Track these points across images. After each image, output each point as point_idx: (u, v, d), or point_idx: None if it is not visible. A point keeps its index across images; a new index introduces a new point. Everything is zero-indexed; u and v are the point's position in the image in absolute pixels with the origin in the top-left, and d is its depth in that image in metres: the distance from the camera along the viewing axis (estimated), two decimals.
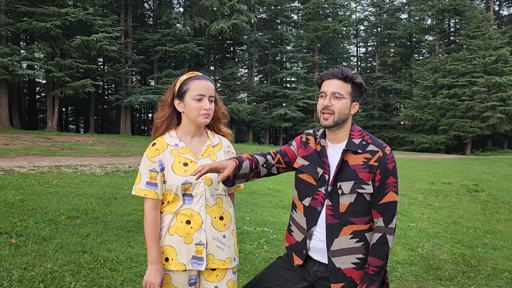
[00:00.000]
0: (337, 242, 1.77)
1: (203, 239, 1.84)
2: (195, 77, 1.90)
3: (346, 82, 1.80)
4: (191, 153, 1.89)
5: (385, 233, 1.77)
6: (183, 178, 1.83)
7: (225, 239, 1.91)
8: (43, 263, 3.68)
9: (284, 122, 35.09)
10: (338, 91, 1.78)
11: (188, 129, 1.92)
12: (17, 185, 7.27)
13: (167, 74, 27.65)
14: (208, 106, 1.85)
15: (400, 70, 44.73)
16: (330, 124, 1.79)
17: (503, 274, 4.41)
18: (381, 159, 1.77)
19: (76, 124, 45.35)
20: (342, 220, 1.78)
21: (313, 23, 36.38)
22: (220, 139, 2.02)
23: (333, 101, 1.78)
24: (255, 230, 5.52)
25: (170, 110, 1.93)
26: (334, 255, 1.78)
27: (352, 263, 1.77)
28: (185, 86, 1.87)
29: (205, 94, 1.86)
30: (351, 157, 1.80)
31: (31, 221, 4.97)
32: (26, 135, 17.92)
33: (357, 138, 1.83)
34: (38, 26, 20.28)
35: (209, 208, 1.86)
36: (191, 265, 1.84)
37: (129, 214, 5.84)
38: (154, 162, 1.86)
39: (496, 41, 34.24)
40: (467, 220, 7.41)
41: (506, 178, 14.46)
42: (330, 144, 1.89)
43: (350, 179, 1.77)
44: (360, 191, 1.76)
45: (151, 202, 1.86)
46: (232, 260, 1.93)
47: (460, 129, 34.24)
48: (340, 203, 1.77)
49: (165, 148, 1.89)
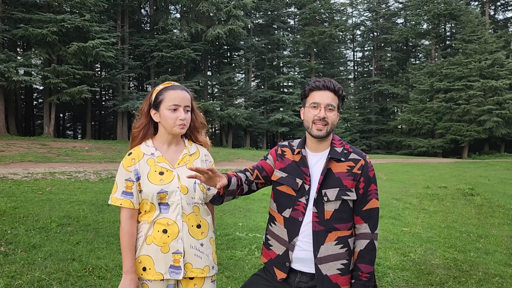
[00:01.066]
0: (323, 249, 1.80)
1: (180, 248, 1.83)
2: (171, 87, 1.89)
3: (335, 95, 1.87)
4: (167, 162, 1.89)
5: (373, 239, 1.83)
6: (159, 187, 1.82)
7: (203, 247, 1.90)
8: (31, 271, 3.66)
9: (281, 126, 35.12)
10: (332, 103, 1.84)
11: (165, 138, 1.92)
12: (9, 192, 7.25)
13: (164, 79, 27.64)
14: (183, 116, 1.84)
15: (396, 74, 44.91)
16: (323, 134, 1.84)
17: (494, 278, 4.40)
18: (363, 167, 1.84)
19: (74, 130, 45.30)
20: (327, 226, 1.81)
21: (309, 28, 36.53)
22: (197, 148, 2.01)
23: (328, 113, 1.83)
24: (247, 236, 5.51)
25: (147, 120, 1.94)
26: (320, 262, 1.79)
27: (338, 269, 1.80)
28: (160, 96, 1.88)
29: (180, 104, 1.85)
30: (335, 165, 1.85)
31: (21, 229, 4.95)
32: (22, 141, 17.88)
33: (338, 147, 1.89)
34: (35, 33, 20.30)
35: (186, 217, 1.86)
36: (169, 274, 1.83)
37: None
38: (129, 172, 1.87)
39: (491, 45, 34.42)
40: (461, 224, 7.41)
41: (502, 181, 14.48)
42: (311, 153, 1.91)
43: (335, 186, 1.81)
44: (345, 198, 1.80)
45: (127, 211, 1.86)
46: (210, 269, 1.92)
47: (457, 132, 34.34)
48: (325, 210, 1.80)
49: (141, 158, 1.89)
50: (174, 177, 1.86)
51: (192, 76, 31.96)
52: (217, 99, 34.32)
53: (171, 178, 1.86)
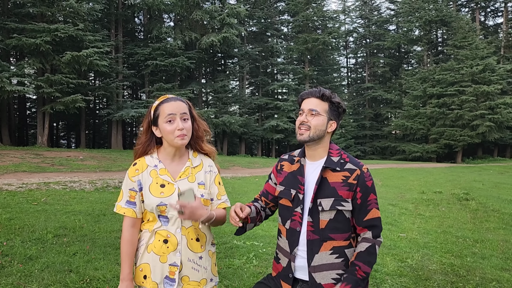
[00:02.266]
0: (318, 258, 1.81)
1: (177, 261, 1.84)
2: (165, 100, 1.90)
3: (323, 101, 1.89)
4: (169, 175, 1.90)
5: (375, 244, 1.82)
6: (159, 199, 1.84)
7: (201, 261, 1.91)
8: (28, 283, 3.63)
9: (276, 133, 35.19)
10: (315, 108, 1.87)
11: (168, 151, 1.93)
12: (4, 204, 7.19)
13: (158, 87, 27.68)
14: (181, 125, 1.84)
15: (389, 80, 45.26)
16: (305, 138, 1.86)
17: (491, 283, 4.42)
18: (359, 177, 1.84)
19: (67, 139, 45.07)
20: (322, 236, 1.82)
21: (303, 35, 36.78)
22: (201, 160, 2.01)
23: (309, 117, 1.87)
24: (245, 244, 5.50)
25: (147, 137, 1.95)
26: (314, 270, 1.81)
27: (332, 279, 1.80)
28: (157, 111, 1.89)
29: (175, 113, 1.85)
30: (330, 175, 1.85)
31: (17, 240, 4.91)
32: (16, 151, 17.77)
33: (335, 156, 1.90)
34: (28, 42, 20.26)
35: (185, 230, 1.87)
36: (163, 285, 1.84)
37: (117, 231, 5.79)
38: (133, 182, 1.90)
39: (482, 51, 34.84)
40: (457, 229, 7.44)
41: (496, 186, 14.58)
42: (309, 162, 1.94)
43: (330, 196, 1.82)
44: (339, 208, 1.81)
45: (129, 220, 1.90)
46: (208, 281, 1.93)
47: (451, 137, 34.60)
48: (320, 219, 1.82)
49: (145, 169, 1.91)
50: (174, 191, 1.87)
51: (186, 84, 32.00)
52: (212, 107, 34.37)
53: (172, 191, 1.86)
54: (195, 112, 2.00)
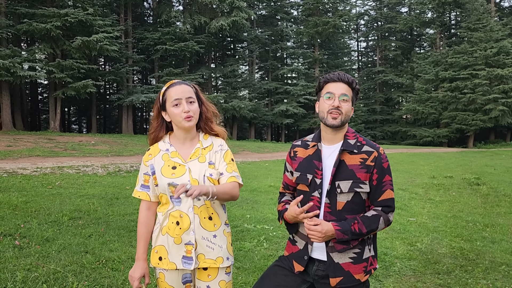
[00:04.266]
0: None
1: (192, 239, 1.90)
2: (171, 85, 1.97)
3: (349, 87, 1.92)
4: (180, 157, 1.96)
5: (380, 215, 1.86)
6: (169, 179, 1.91)
7: (215, 239, 1.95)
8: (46, 264, 3.75)
9: (286, 118, 35.11)
10: (346, 93, 1.90)
11: (179, 135, 2.00)
12: (20, 187, 7.36)
13: (168, 72, 27.70)
14: (186, 108, 1.89)
15: (401, 64, 44.63)
16: (338, 123, 1.87)
17: (501, 267, 4.45)
18: (376, 159, 1.87)
19: (79, 124, 45.55)
20: (338, 217, 1.85)
21: (313, 18, 36.32)
22: (212, 141, 2.05)
23: (342, 103, 1.88)
24: (255, 227, 5.58)
25: (158, 122, 2.03)
26: (332, 250, 1.85)
27: (350, 258, 1.86)
28: (164, 96, 1.96)
29: (181, 97, 1.91)
30: (348, 157, 1.88)
31: (34, 223, 5.05)
32: (29, 136, 18.04)
33: (352, 139, 1.92)
34: (39, 28, 20.36)
35: (197, 209, 1.92)
36: (181, 264, 1.91)
37: (130, 214, 5.91)
38: (147, 166, 1.99)
39: (497, 33, 34.09)
40: (467, 213, 7.44)
41: (508, 170, 14.45)
42: (325, 146, 1.97)
43: (348, 179, 1.85)
44: (358, 190, 1.85)
45: (144, 203, 2.01)
46: (225, 259, 1.97)
47: (462, 122, 34.18)
48: (337, 201, 1.85)
49: (157, 153, 1.99)
50: (185, 171, 1.93)
51: (196, 68, 31.95)
52: (221, 92, 34.33)
53: (183, 172, 1.92)
54: (203, 95, 2.05)
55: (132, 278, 1.95)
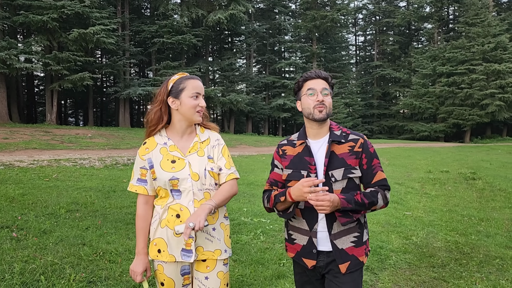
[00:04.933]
0: (336, 226, 1.93)
1: (192, 233, 1.89)
2: (190, 76, 1.99)
3: (327, 83, 2.02)
4: (178, 151, 1.97)
5: (378, 191, 1.92)
6: (170, 174, 1.91)
7: (214, 232, 1.98)
8: (43, 256, 3.76)
9: (283, 112, 35.11)
10: (326, 88, 2.00)
11: (178, 128, 2.00)
12: (17, 180, 7.35)
13: (165, 65, 27.59)
14: (203, 103, 1.97)
15: (399, 58, 44.64)
16: (324, 116, 1.96)
17: (495, 260, 4.49)
18: (363, 145, 1.98)
19: (75, 117, 45.37)
20: None
21: (311, 12, 36.21)
22: (209, 135, 2.08)
23: (325, 97, 1.98)
24: (252, 221, 5.61)
25: (164, 107, 1.99)
26: (335, 238, 1.93)
27: (351, 242, 1.94)
28: (181, 84, 1.95)
29: (201, 92, 1.98)
30: (337, 147, 1.97)
31: (31, 215, 5.06)
32: (25, 128, 17.98)
33: (337, 130, 2.03)
34: (35, 19, 20.21)
35: (198, 202, 1.93)
36: (181, 257, 1.93)
37: (128, 207, 5.92)
38: (144, 160, 1.98)
39: (495, 28, 34.12)
40: (462, 208, 7.49)
41: (504, 165, 14.54)
42: (312, 141, 2.03)
43: (340, 167, 1.93)
44: (350, 176, 1.93)
45: (142, 197, 2.00)
46: (222, 252, 2.00)
47: (459, 117, 34.30)
48: (333, 189, 1.92)
49: (154, 147, 1.99)
50: (185, 165, 1.94)
51: (193, 62, 31.84)
52: (219, 85, 34.26)
53: (183, 166, 1.94)
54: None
55: (135, 273, 1.95)
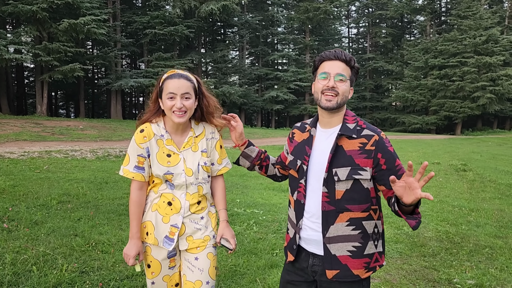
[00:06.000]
0: (333, 229, 1.74)
1: (179, 223, 1.97)
2: (170, 76, 1.95)
3: (347, 66, 1.77)
4: (174, 145, 1.99)
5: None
6: (166, 168, 1.94)
7: (202, 220, 2.03)
8: (35, 246, 3.74)
9: (276, 104, 35.06)
10: (343, 73, 1.74)
11: (171, 123, 2.00)
12: (7, 171, 7.28)
13: (157, 57, 27.36)
14: (179, 104, 1.89)
15: (391, 51, 44.70)
16: (333, 105, 1.74)
17: (484, 250, 4.56)
18: (378, 143, 1.72)
19: (66, 109, 44.93)
20: (338, 207, 1.73)
21: (304, 4, 36.05)
22: (203, 127, 2.09)
23: (338, 83, 1.74)
24: (245, 211, 5.62)
25: (155, 106, 2.02)
26: (329, 241, 1.74)
27: (348, 251, 1.74)
28: (163, 85, 1.95)
29: (176, 92, 1.90)
30: (346, 142, 1.74)
31: (22, 206, 5.02)
32: (15, 120, 17.77)
33: (351, 123, 1.78)
34: (24, 9, 19.88)
35: (190, 196, 1.99)
36: (162, 243, 1.97)
37: (120, 198, 5.90)
38: (142, 148, 1.97)
39: (486, 21, 34.27)
40: (453, 198, 7.57)
41: (494, 157, 14.70)
42: (322, 130, 1.84)
43: (346, 165, 1.71)
44: (356, 177, 1.70)
45: (137, 183, 1.99)
46: (211, 238, 2.05)
47: (451, 109, 34.53)
48: (336, 189, 1.72)
49: (152, 137, 1.99)
50: (180, 160, 1.97)
51: (185, 53, 31.61)
52: (211, 77, 34.08)
53: (177, 161, 1.97)
54: (205, 89, 2.04)
55: (128, 256, 1.97)
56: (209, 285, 2.02)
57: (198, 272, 1.99)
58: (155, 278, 2.03)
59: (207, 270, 2.01)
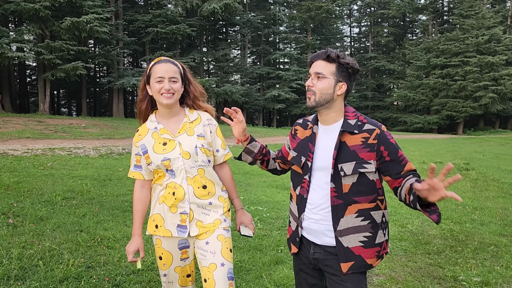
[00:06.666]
0: (343, 222, 1.78)
1: (186, 209, 1.98)
2: (158, 62, 2.02)
3: (329, 62, 1.79)
4: (169, 133, 2.02)
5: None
6: (162, 155, 1.98)
7: (211, 206, 2.04)
8: (41, 241, 3.75)
9: (278, 103, 35.04)
10: (320, 71, 1.79)
11: (163, 111, 2.05)
12: (11, 168, 7.29)
13: (159, 55, 27.27)
14: (167, 86, 1.95)
15: (393, 50, 44.62)
16: (312, 104, 1.81)
17: (489, 247, 4.55)
18: (379, 136, 1.76)
19: (68, 107, 44.98)
20: (346, 200, 1.78)
21: (306, 3, 36.01)
22: (199, 114, 2.12)
23: (315, 81, 1.79)
24: (249, 208, 5.62)
25: (143, 94, 2.09)
26: (341, 234, 1.78)
27: (360, 242, 1.78)
28: (150, 71, 2.01)
29: (164, 76, 1.96)
30: (349, 138, 1.79)
31: (27, 202, 5.03)
32: (18, 118, 17.79)
33: (352, 119, 1.82)
34: (27, 8, 19.90)
35: (191, 180, 1.99)
36: (176, 233, 1.99)
37: (124, 195, 5.91)
38: (137, 147, 2.06)
39: (489, 21, 34.19)
40: None
41: (496, 156, 14.67)
42: (322, 127, 1.89)
43: (351, 160, 1.76)
44: (362, 171, 1.75)
45: (138, 182, 2.10)
46: (222, 221, 2.04)
47: (453, 109, 34.46)
48: (343, 184, 1.78)
49: (146, 133, 2.05)
50: (176, 145, 1.99)
51: (187, 52, 31.60)
52: (213, 76, 34.08)
53: (173, 146, 1.99)
54: (190, 75, 2.11)
55: (127, 252, 2.04)
56: (224, 267, 1.94)
57: (210, 256, 1.96)
58: (167, 269, 2.06)
59: (219, 252, 1.97)
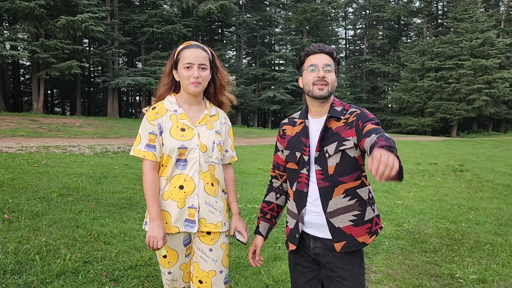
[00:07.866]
0: (332, 203, 1.82)
1: (195, 203, 1.91)
2: (187, 46, 1.95)
3: (331, 57, 1.89)
4: (189, 120, 1.95)
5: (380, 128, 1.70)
6: (180, 142, 1.89)
7: (216, 204, 1.99)
8: (37, 236, 3.72)
9: (273, 104, 35.07)
10: (329, 63, 1.86)
11: (185, 97, 1.97)
12: (5, 165, 7.23)
13: (155, 56, 27.28)
14: (196, 74, 1.88)
15: (388, 53, 44.88)
16: (325, 94, 1.83)
17: (485, 246, 4.58)
18: (358, 114, 1.82)
19: (62, 107, 44.66)
20: (332, 181, 1.82)
21: (302, 4, 36.13)
22: (217, 111, 2.08)
23: (327, 74, 1.85)
24: (246, 206, 5.61)
25: (169, 79, 2.00)
26: (331, 216, 1.82)
27: (350, 221, 1.83)
28: (179, 55, 1.94)
29: (194, 62, 1.89)
30: (334, 124, 1.86)
31: (22, 198, 4.98)
32: (11, 117, 17.65)
33: (338, 106, 1.90)
34: (22, 6, 19.76)
35: (202, 174, 1.93)
36: (184, 227, 1.92)
37: (120, 192, 5.87)
38: (153, 125, 1.91)
39: (483, 24, 34.49)
40: (451, 197, 7.60)
41: (490, 159, 14.78)
42: (313, 119, 1.93)
43: (334, 141, 1.82)
44: (341, 148, 1.80)
45: (150, 163, 1.91)
46: (223, 224, 2.01)
47: (447, 111, 34.70)
48: (328, 165, 1.82)
49: (164, 113, 1.94)
50: (194, 135, 1.92)
51: None
52: None
53: (192, 135, 1.92)
54: (219, 62, 2.03)
55: (155, 238, 1.84)
56: (222, 274, 2.00)
57: (212, 263, 1.97)
58: (172, 267, 1.99)
59: (220, 260, 1.99)
